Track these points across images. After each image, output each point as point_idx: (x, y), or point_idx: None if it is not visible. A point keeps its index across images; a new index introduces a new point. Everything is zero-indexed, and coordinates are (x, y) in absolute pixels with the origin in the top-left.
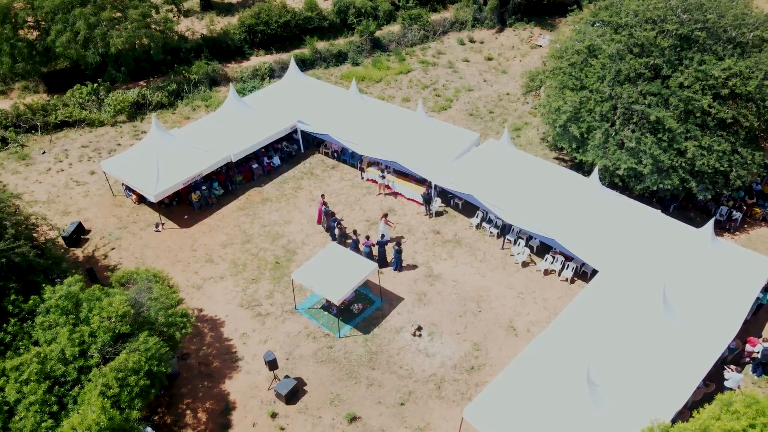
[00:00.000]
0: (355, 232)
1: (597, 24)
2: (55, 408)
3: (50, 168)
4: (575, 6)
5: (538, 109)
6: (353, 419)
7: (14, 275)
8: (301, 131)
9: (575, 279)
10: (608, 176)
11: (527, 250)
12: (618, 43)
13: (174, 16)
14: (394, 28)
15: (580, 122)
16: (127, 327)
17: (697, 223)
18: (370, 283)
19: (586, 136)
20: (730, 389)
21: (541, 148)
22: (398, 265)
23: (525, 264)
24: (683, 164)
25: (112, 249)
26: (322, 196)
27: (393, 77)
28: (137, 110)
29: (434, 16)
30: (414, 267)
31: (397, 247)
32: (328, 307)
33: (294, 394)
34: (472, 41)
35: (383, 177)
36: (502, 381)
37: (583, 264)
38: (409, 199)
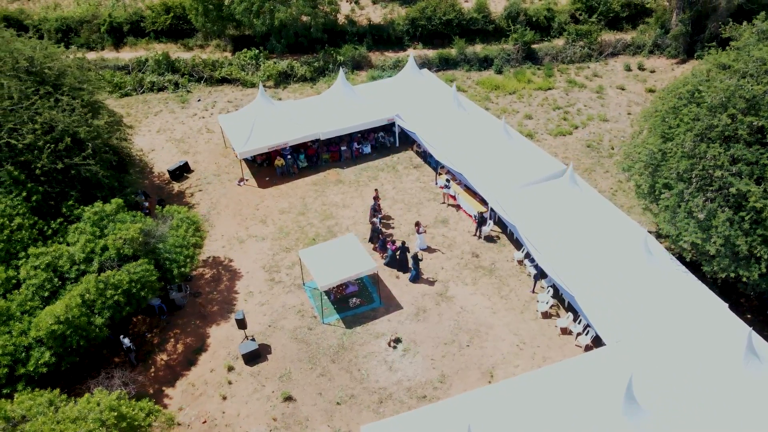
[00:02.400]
0: (383, 233)
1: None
2: (46, 294)
3: (196, 113)
4: (713, 43)
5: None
6: (287, 399)
7: (81, 186)
8: (398, 125)
9: (592, 347)
10: (678, 248)
11: (552, 301)
12: (722, 93)
13: (350, 2)
14: (559, 41)
15: (657, 177)
16: (130, 250)
17: None
18: (380, 284)
19: (658, 194)
20: None
21: None
22: (414, 275)
23: (546, 315)
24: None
25: (199, 190)
26: (376, 190)
27: (529, 92)
28: (284, 79)
29: (608, 36)
30: (432, 282)
31: (414, 257)
32: (329, 292)
33: (254, 358)
34: (641, 68)
35: (447, 187)
36: (413, 416)
37: None
38: (468, 214)
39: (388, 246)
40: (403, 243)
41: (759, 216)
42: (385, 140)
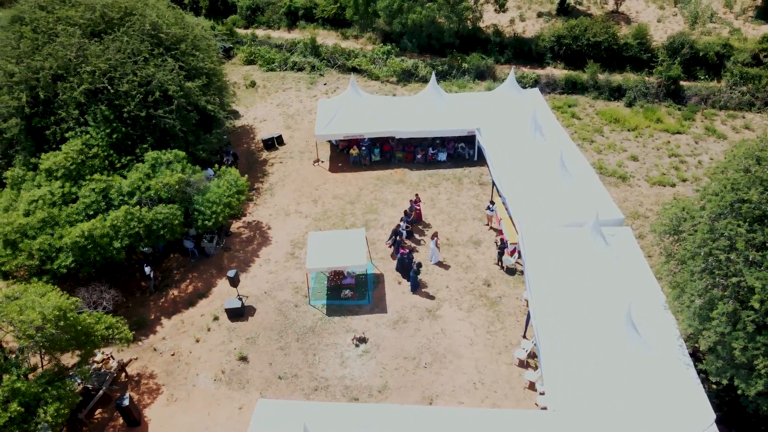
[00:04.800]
0: (401, 234)
1: None
2: (91, 212)
3: (316, 95)
4: None
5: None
6: (242, 359)
7: (160, 134)
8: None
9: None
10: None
11: (530, 350)
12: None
13: (497, 11)
14: (718, 83)
15: (679, 246)
16: (166, 194)
17: None
18: (381, 285)
19: (671, 266)
20: None
21: None
22: (413, 286)
23: (522, 364)
24: None
25: (280, 162)
26: (416, 195)
27: (651, 132)
28: (406, 77)
29: None
30: (430, 297)
31: (415, 268)
32: (330, 278)
33: (237, 315)
34: None
35: (489, 209)
36: (315, 407)
37: None
38: (502, 240)
39: (399, 250)
40: (411, 251)
41: (765, 320)
42: (464, 151)
